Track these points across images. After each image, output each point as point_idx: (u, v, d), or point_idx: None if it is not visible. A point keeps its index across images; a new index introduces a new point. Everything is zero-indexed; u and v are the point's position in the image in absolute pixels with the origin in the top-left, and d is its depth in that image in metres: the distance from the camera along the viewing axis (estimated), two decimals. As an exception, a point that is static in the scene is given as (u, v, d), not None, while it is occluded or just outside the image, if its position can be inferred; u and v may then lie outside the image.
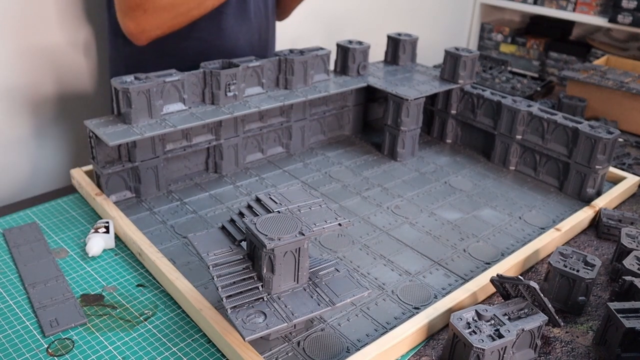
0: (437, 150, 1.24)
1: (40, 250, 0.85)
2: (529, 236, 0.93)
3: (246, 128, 1.08)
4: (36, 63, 1.24)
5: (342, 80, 1.18)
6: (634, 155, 1.27)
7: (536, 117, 1.08)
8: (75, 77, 1.32)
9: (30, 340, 0.69)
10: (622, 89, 1.39)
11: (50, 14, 1.24)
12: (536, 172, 1.12)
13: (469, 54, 1.18)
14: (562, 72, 1.54)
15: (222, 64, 1.03)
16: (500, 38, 2.70)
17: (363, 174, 1.11)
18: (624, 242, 0.85)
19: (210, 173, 1.07)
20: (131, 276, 0.81)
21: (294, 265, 0.65)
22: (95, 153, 0.93)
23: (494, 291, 0.81)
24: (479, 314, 0.66)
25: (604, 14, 2.27)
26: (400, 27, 1.50)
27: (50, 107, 1.30)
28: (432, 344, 0.72)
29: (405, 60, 1.32)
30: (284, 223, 0.65)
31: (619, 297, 0.77)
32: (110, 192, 0.95)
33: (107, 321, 0.73)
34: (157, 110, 0.94)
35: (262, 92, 1.08)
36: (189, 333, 0.71)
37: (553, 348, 0.72)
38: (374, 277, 0.82)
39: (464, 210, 1.00)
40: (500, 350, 0.63)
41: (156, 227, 0.91)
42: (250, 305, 0.64)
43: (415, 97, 1.11)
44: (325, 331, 0.71)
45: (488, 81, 1.63)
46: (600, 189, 1.04)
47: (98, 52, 1.34)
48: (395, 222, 0.95)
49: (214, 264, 0.65)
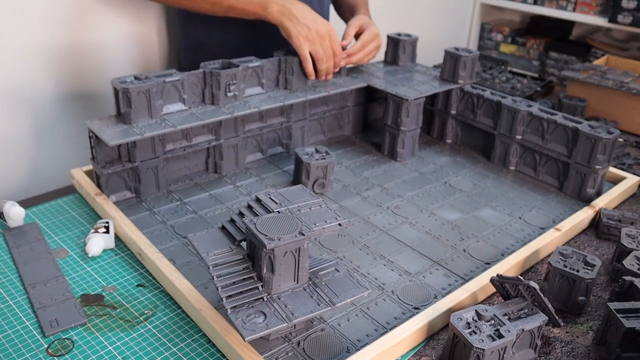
0: (437, 150, 1.24)
1: (40, 250, 0.85)
2: (529, 236, 0.93)
3: (246, 128, 1.08)
4: (36, 63, 1.24)
5: (342, 80, 1.18)
6: (634, 155, 1.27)
7: (536, 117, 1.08)
8: (75, 77, 1.32)
9: (30, 340, 0.69)
10: (622, 89, 1.39)
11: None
12: (536, 172, 1.12)
13: (469, 54, 1.18)
14: (562, 72, 1.54)
15: (222, 64, 1.03)
16: (500, 38, 2.70)
17: (363, 174, 1.11)
18: (624, 242, 0.85)
19: (210, 173, 1.07)
20: (131, 276, 0.81)
21: (294, 265, 0.65)
22: (95, 153, 0.93)
23: (494, 291, 0.81)
24: (479, 314, 0.66)
25: (604, 14, 2.27)
26: (400, 27, 1.50)
27: (50, 107, 1.30)
28: (432, 344, 0.72)
29: (405, 60, 1.32)
30: (284, 223, 0.65)
31: (619, 297, 0.77)
32: (110, 192, 0.95)
33: (107, 321, 0.73)
34: (157, 110, 0.94)
35: (262, 92, 1.08)
36: (189, 333, 0.71)
37: (553, 348, 0.72)
38: (374, 277, 0.82)
39: (464, 210, 1.00)
40: (500, 350, 0.63)
41: (156, 227, 0.91)
42: (250, 305, 0.64)
43: (415, 97, 1.11)
44: (325, 331, 0.71)
45: (488, 81, 1.63)
46: (600, 189, 1.04)
47: (99, 52, 1.34)
48: (395, 222, 0.95)
49: (214, 264, 0.65)
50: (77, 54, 1.31)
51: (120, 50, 1.38)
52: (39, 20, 1.22)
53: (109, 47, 1.35)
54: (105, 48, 1.34)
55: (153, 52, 1.45)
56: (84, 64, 1.33)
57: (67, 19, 1.27)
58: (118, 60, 1.38)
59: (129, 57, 1.41)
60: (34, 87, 1.26)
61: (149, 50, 1.44)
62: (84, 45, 1.31)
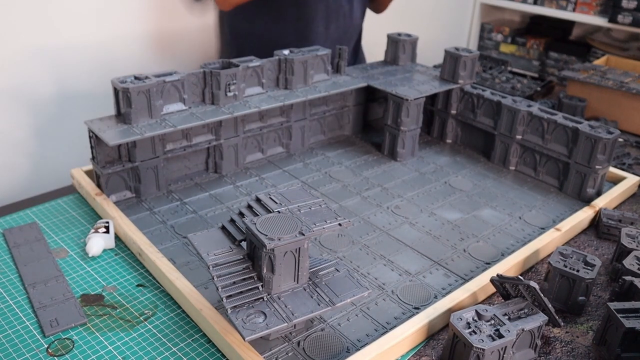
0: (437, 150, 1.24)
1: (40, 250, 0.85)
2: (529, 236, 0.93)
3: (246, 128, 1.08)
4: (36, 63, 1.24)
5: (342, 80, 1.18)
6: (634, 155, 1.27)
7: (536, 117, 1.08)
8: (76, 77, 1.33)
9: (30, 340, 0.69)
10: (622, 89, 1.39)
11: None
12: (536, 172, 1.12)
13: (469, 54, 1.18)
14: (562, 72, 1.54)
15: (222, 64, 1.03)
16: (500, 38, 2.70)
17: (363, 174, 1.11)
18: (624, 242, 0.85)
19: (210, 173, 1.07)
20: (131, 276, 0.81)
21: (294, 265, 0.65)
22: (96, 153, 0.93)
23: (494, 291, 0.81)
24: (479, 314, 0.66)
25: (604, 14, 2.27)
26: (400, 27, 1.50)
27: (50, 107, 1.30)
28: (432, 344, 0.72)
29: (405, 60, 1.32)
30: (284, 223, 0.65)
31: (619, 297, 0.77)
32: (110, 192, 0.95)
33: (107, 321, 0.73)
34: (157, 110, 0.94)
35: (262, 92, 1.08)
36: (189, 333, 0.71)
37: (553, 348, 0.72)
38: (374, 277, 0.82)
39: (464, 210, 1.00)
40: (500, 350, 0.63)
41: (156, 227, 0.91)
42: (250, 305, 0.64)
43: (415, 97, 1.11)
44: (325, 331, 0.71)
45: (488, 81, 1.63)
46: (600, 189, 1.04)
47: (99, 51, 1.34)
48: (395, 222, 0.95)
49: (214, 264, 0.65)
50: (76, 54, 1.31)
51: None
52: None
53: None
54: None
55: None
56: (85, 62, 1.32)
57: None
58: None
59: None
60: (34, 87, 1.26)
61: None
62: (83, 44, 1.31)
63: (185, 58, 1.63)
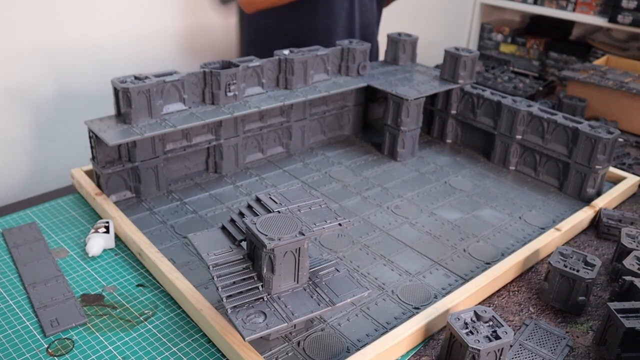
0: (437, 150, 1.24)
1: (40, 250, 0.85)
2: (529, 236, 0.93)
3: (246, 128, 1.08)
4: (36, 63, 1.24)
5: (342, 80, 1.18)
6: (634, 155, 1.27)
7: (536, 117, 1.08)
8: (76, 77, 1.32)
9: (30, 340, 0.69)
10: (622, 89, 1.39)
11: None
12: (536, 172, 1.12)
13: (469, 54, 1.18)
14: (562, 72, 1.54)
15: (222, 63, 1.03)
16: (500, 38, 2.70)
17: (363, 174, 1.11)
18: (624, 242, 0.85)
19: (210, 173, 1.07)
20: (131, 276, 0.81)
21: (294, 265, 0.65)
22: (96, 153, 0.93)
23: (494, 291, 0.81)
24: (477, 314, 0.65)
25: (604, 14, 2.27)
26: (400, 27, 1.50)
27: (50, 107, 1.30)
28: (432, 344, 0.72)
29: (405, 60, 1.32)
30: (284, 223, 0.65)
31: (619, 297, 0.77)
32: (110, 192, 0.95)
33: (107, 321, 0.73)
34: (157, 110, 0.94)
35: (262, 92, 1.08)
36: (189, 333, 0.71)
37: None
38: (374, 277, 0.82)
39: (464, 210, 1.00)
40: (497, 351, 0.62)
41: (156, 227, 0.91)
42: (250, 305, 0.64)
43: (415, 97, 1.11)
44: (325, 331, 0.71)
45: (490, 81, 1.63)
46: (600, 189, 1.04)
47: (107, 51, 1.34)
48: (395, 222, 0.95)
49: (214, 264, 0.65)
50: (76, 54, 1.31)
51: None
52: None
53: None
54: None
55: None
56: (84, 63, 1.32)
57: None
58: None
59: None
60: (34, 87, 1.26)
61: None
62: (80, 44, 1.31)
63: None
